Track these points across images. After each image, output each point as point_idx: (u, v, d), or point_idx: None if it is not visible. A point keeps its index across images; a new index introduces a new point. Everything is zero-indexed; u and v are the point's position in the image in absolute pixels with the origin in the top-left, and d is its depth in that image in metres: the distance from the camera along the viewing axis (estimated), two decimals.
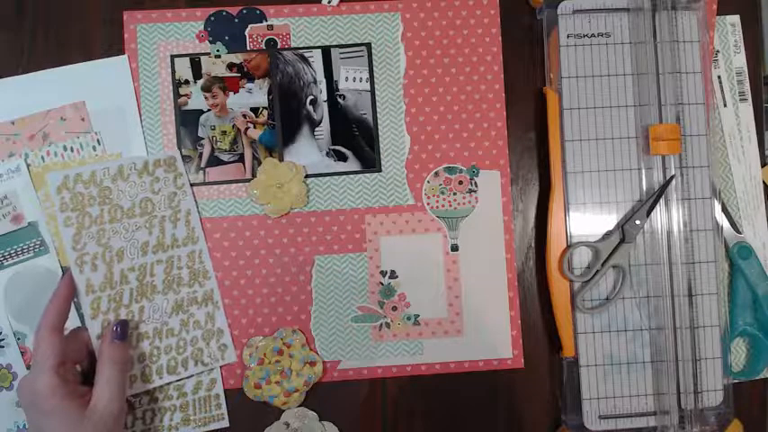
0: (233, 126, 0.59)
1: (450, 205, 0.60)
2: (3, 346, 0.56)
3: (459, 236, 0.60)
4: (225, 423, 0.58)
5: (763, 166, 0.61)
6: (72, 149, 0.58)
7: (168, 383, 0.57)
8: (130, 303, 0.56)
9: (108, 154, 0.58)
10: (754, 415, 0.60)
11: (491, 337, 0.59)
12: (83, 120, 0.58)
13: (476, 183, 0.60)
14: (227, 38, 0.59)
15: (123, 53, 0.59)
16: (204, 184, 0.59)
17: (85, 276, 0.54)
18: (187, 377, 0.57)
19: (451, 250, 0.59)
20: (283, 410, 0.58)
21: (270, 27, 0.60)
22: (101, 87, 0.58)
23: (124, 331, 0.53)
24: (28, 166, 0.57)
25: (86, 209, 0.55)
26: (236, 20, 0.59)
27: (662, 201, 0.56)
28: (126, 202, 0.56)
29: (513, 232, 0.60)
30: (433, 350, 0.59)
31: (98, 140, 0.58)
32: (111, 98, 0.58)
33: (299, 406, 0.58)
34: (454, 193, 0.60)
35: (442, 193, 0.60)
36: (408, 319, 0.59)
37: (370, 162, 0.60)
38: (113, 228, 0.56)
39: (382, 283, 0.59)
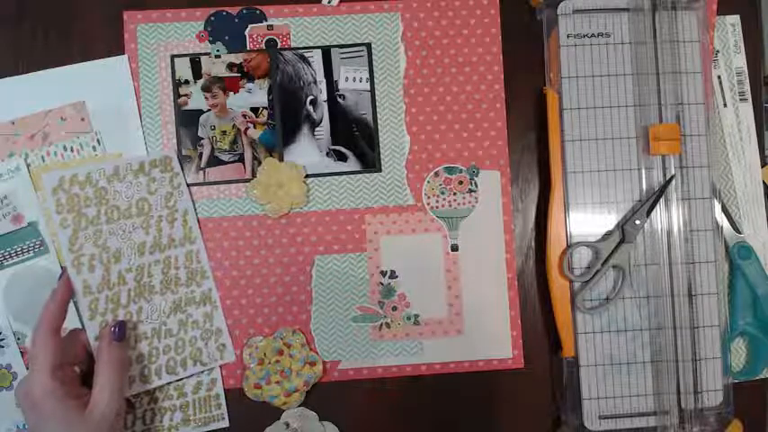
0: (233, 126, 0.59)
1: (450, 205, 0.60)
2: (2, 346, 0.56)
3: (460, 236, 0.59)
4: (225, 423, 0.58)
5: (763, 166, 0.61)
6: (72, 149, 0.58)
7: (167, 384, 0.57)
8: (128, 304, 0.56)
9: (108, 154, 0.58)
10: (754, 415, 0.60)
11: (491, 337, 0.59)
12: (83, 120, 0.58)
13: (476, 183, 0.60)
14: (227, 38, 0.59)
15: (123, 53, 0.59)
16: (204, 184, 0.59)
17: (83, 277, 0.54)
18: (186, 377, 0.57)
19: (451, 250, 0.59)
20: (283, 410, 0.58)
21: (270, 27, 0.60)
22: (101, 87, 0.58)
23: (122, 332, 0.53)
24: (28, 166, 0.57)
25: (83, 210, 0.55)
26: (236, 20, 0.59)
27: (662, 201, 0.56)
28: (122, 203, 0.56)
29: (513, 232, 0.60)
30: (433, 350, 0.59)
31: (98, 140, 0.58)
32: (111, 98, 0.58)
33: (299, 406, 0.58)
34: (454, 193, 0.60)
35: (442, 193, 0.60)
36: (408, 319, 0.59)
37: (370, 162, 0.60)
38: (110, 228, 0.56)
39: (382, 283, 0.59)
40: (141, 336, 0.56)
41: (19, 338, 0.56)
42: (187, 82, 0.59)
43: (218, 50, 0.59)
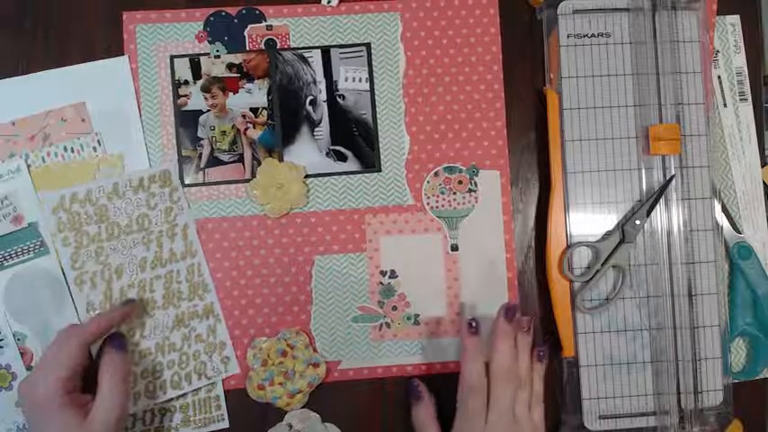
0: (232, 126, 0.59)
1: (450, 205, 0.60)
2: (2, 347, 0.56)
3: (459, 236, 0.59)
4: (225, 424, 0.58)
5: (763, 166, 0.61)
6: (72, 150, 0.58)
7: (173, 398, 0.57)
8: (131, 319, 0.56)
9: (108, 155, 0.58)
10: (754, 415, 0.60)
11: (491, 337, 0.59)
12: (83, 120, 0.58)
13: (476, 183, 0.60)
14: (226, 38, 0.59)
15: (123, 53, 0.59)
16: (204, 184, 0.59)
17: (85, 294, 0.55)
18: (191, 391, 0.57)
19: (451, 250, 0.59)
20: (286, 412, 0.58)
21: (269, 27, 0.60)
22: (101, 88, 0.58)
23: (120, 342, 0.53)
24: (28, 166, 0.57)
25: (84, 228, 0.55)
26: (236, 20, 0.59)
27: (662, 201, 0.56)
28: (123, 219, 0.56)
29: (513, 232, 0.60)
30: (433, 350, 0.59)
31: (98, 141, 0.58)
32: (111, 99, 0.58)
33: (302, 407, 0.58)
34: (454, 193, 0.60)
35: (442, 193, 0.60)
36: (408, 319, 0.59)
37: (370, 162, 0.60)
38: (111, 245, 0.56)
39: (382, 283, 0.59)
40: (145, 351, 0.56)
41: (19, 339, 0.56)
42: (187, 82, 0.59)
43: (217, 51, 0.59)
